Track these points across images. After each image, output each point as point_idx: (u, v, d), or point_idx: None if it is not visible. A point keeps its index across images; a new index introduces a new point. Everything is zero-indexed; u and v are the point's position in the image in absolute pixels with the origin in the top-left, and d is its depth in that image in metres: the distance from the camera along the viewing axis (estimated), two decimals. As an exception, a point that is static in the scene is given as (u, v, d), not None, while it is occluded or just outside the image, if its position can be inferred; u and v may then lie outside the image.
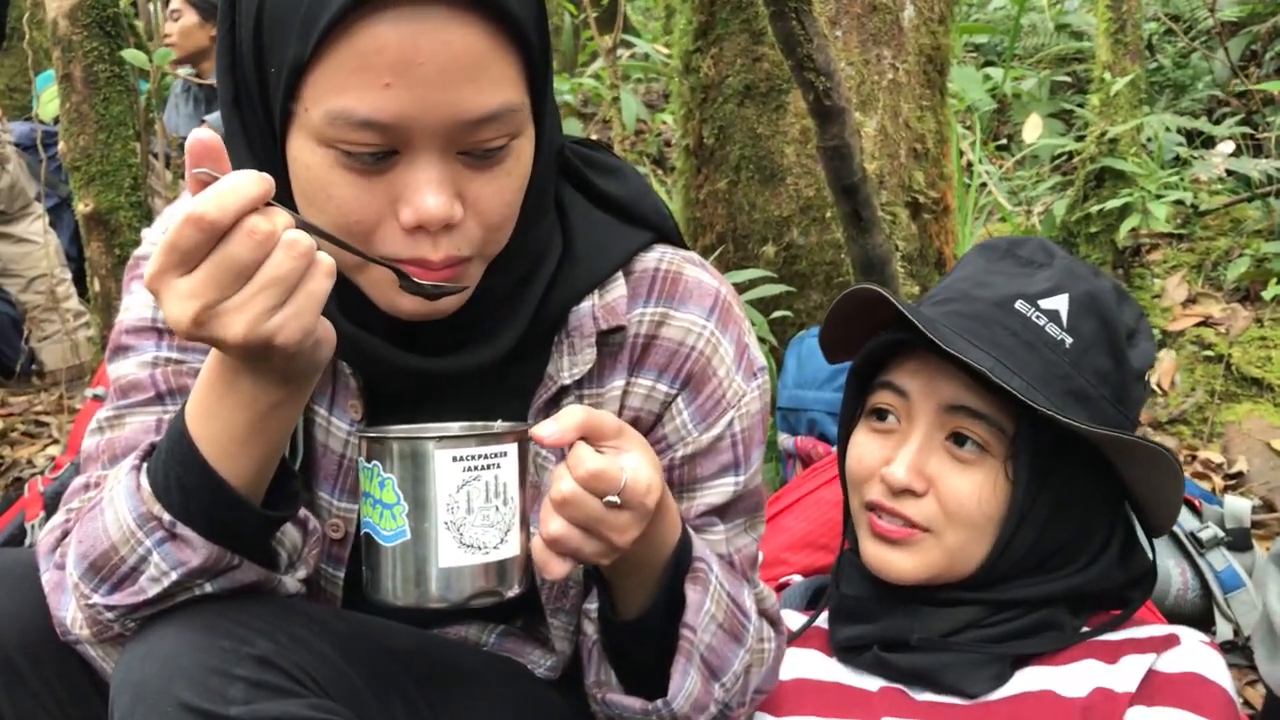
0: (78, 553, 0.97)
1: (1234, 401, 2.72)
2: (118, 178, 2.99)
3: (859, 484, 1.33)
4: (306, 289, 0.83)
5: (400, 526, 0.93)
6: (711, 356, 1.15)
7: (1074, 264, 1.33)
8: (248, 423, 0.91)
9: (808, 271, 2.44)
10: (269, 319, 0.82)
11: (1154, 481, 1.28)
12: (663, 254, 1.17)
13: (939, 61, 2.54)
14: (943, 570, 1.27)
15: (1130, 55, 3.13)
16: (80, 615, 0.98)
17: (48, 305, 4.11)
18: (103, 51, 2.92)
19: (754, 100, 2.47)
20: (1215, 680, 1.20)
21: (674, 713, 1.08)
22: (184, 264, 0.81)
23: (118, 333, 1.15)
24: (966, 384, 1.26)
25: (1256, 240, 3.14)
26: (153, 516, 0.93)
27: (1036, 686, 1.23)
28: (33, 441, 3.63)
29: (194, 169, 0.83)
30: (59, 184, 4.37)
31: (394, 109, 0.89)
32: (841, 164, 1.92)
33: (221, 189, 0.80)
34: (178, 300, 0.81)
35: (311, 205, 0.96)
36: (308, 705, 0.92)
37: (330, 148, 0.92)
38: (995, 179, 3.98)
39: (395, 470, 0.92)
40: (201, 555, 0.93)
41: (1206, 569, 1.98)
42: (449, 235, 0.96)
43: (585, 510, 0.93)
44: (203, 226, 0.79)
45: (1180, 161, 3.66)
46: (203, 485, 0.92)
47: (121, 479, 0.96)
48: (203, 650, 0.91)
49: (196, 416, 0.93)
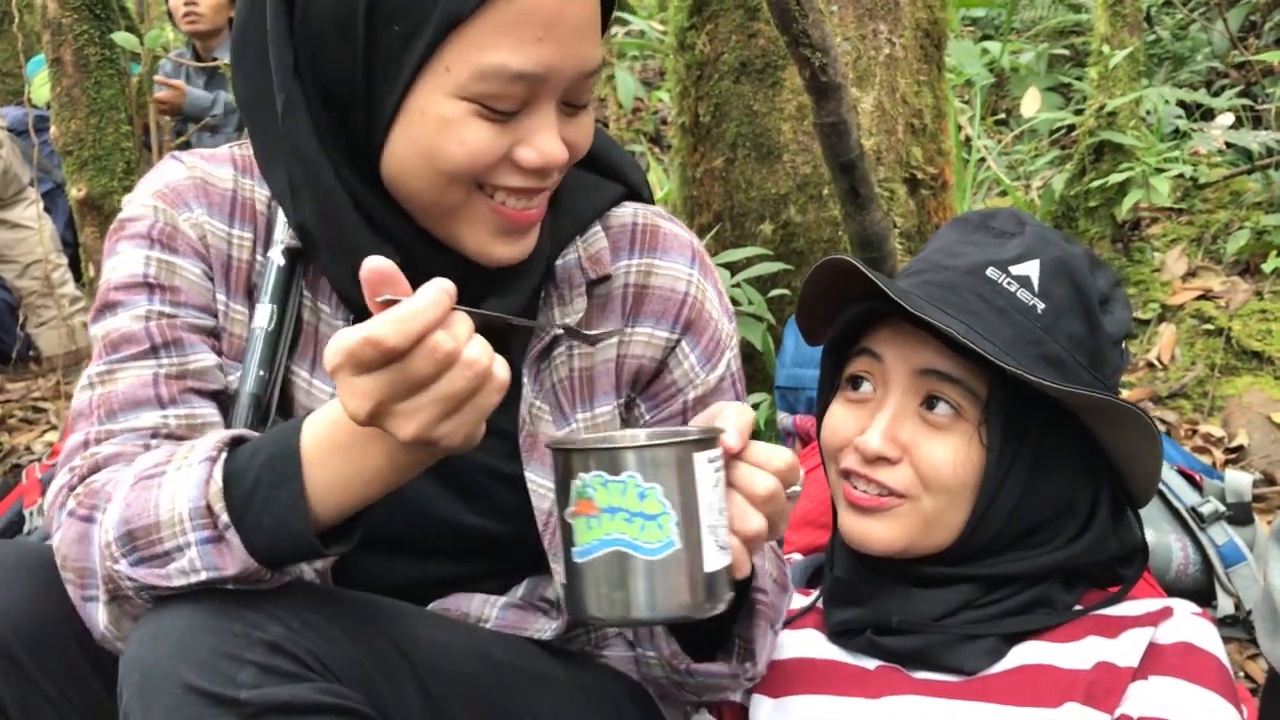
0: (121, 515, 0.96)
1: (1234, 375, 2.72)
2: (110, 162, 2.98)
3: (834, 454, 1.33)
4: (477, 403, 0.88)
5: (668, 537, 0.90)
6: (704, 301, 1.24)
7: (1045, 231, 1.34)
8: (363, 482, 0.93)
9: (805, 249, 2.43)
10: (438, 426, 0.87)
11: (1132, 445, 1.28)
12: (636, 209, 1.25)
13: (936, 36, 2.52)
14: (919, 538, 1.26)
15: (1129, 27, 3.11)
16: (101, 569, 0.97)
17: (43, 291, 4.10)
18: (93, 35, 2.90)
19: (750, 77, 2.45)
20: (1208, 649, 1.20)
21: (758, 671, 1.17)
22: (363, 370, 0.85)
23: (105, 290, 1.14)
24: (938, 349, 1.26)
25: (1256, 213, 3.12)
26: (209, 513, 0.93)
27: (1036, 660, 1.23)
28: (30, 428, 3.62)
29: (375, 298, 0.86)
30: (53, 169, 4.35)
31: (544, 61, 0.99)
32: (838, 140, 1.91)
33: (402, 315, 0.83)
34: (355, 396, 0.85)
35: (438, 152, 1.02)
36: (317, 689, 0.92)
37: (471, 101, 1.00)
38: (994, 154, 3.96)
39: (658, 479, 0.90)
40: (237, 566, 0.93)
41: (1207, 543, 1.98)
42: (552, 174, 1.07)
43: (779, 503, 0.99)
44: (383, 350, 0.83)
45: (1179, 134, 3.64)
46: (288, 511, 0.92)
47: (192, 463, 0.95)
48: (214, 634, 0.91)
49: (315, 449, 0.93)
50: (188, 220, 1.14)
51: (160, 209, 1.14)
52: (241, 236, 1.15)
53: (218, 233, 1.14)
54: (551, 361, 1.20)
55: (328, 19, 1.02)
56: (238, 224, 1.16)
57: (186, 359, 1.12)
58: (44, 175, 4.34)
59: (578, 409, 1.22)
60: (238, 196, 1.16)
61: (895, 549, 1.27)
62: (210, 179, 1.16)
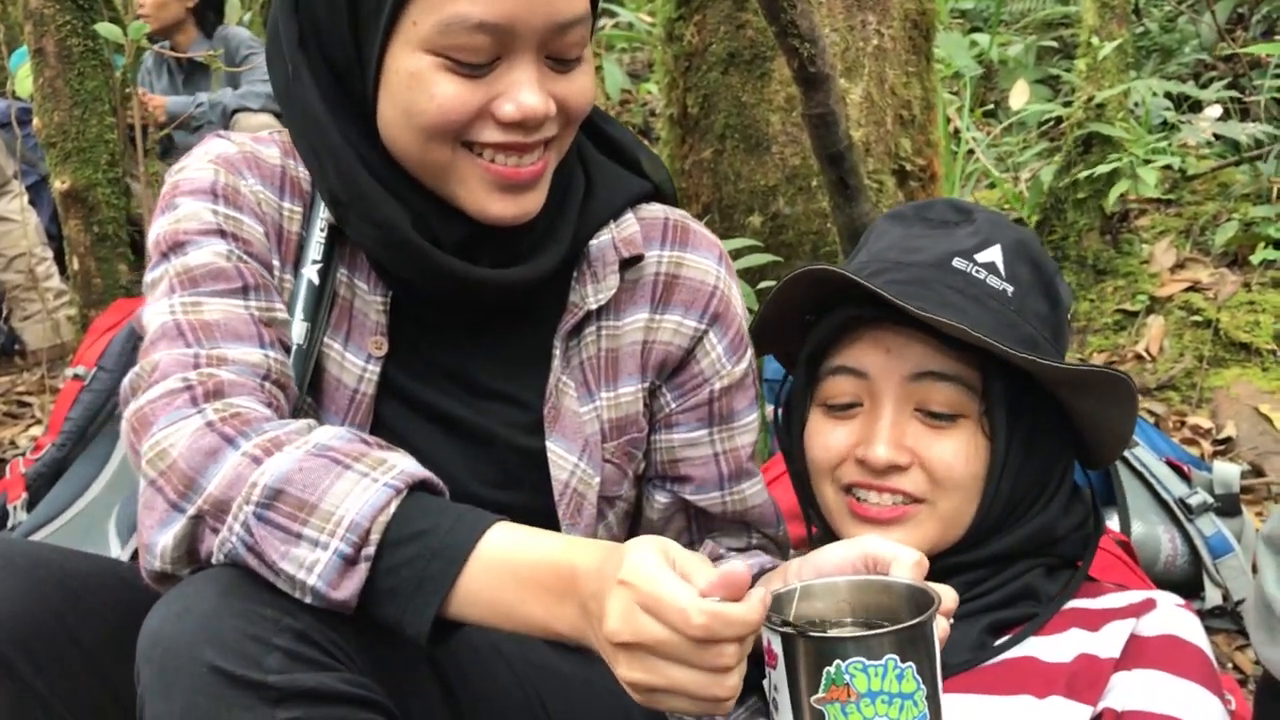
0: (287, 472, 0.93)
1: (1222, 367, 2.72)
2: (94, 154, 2.96)
3: (828, 470, 1.30)
4: (691, 694, 0.85)
5: (922, 711, 0.90)
6: (730, 297, 1.28)
7: (992, 215, 1.35)
8: (505, 615, 0.91)
9: (794, 241, 2.42)
10: (652, 689, 0.85)
11: (1110, 412, 1.30)
12: (667, 209, 1.29)
13: (924, 27, 2.51)
14: (938, 539, 1.26)
15: (1117, 19, 3.11)
16: (220, 494, 0.93)
17: (28, 285, 4.08)
18: (76, 25, 2.87)
19: (738, 68, 2.44)
20: (1191, 641, 1.20)
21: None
22: (656, 632, 0.83)
23: (171, 233, 1.11)
24: (927, 350, 1.25)
25: (1244, 204, 3.13)
26: (364, 537, 0.90)
27: (1019, 654, 1.23)
28: (15, 422, 3.60)
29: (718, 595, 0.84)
30: (38, 161, 4.32)
31: (504, 10, 1.01)
32: (827, 132, 1.90)
33: (730, 618, 0.82)
34: (625, 621, 0.84)
35: (412, 108, 1.05)
36: (342, 680, 0.90)
37: (438, 54, 1.03)
38: (982, 146, 3.96)
39: (913, 657, 0.89)
40: (342, 596, 0.90)
41: (1195, 535, 1.98)
42: (539, 129, 1.08)
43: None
44: (689, 632, 0.82)
45: (1168, 126, 3.64)
46: (428, 584, 0.90)
47: (379, 481, 0.92)
48: (243, 617, 0.89)
49: (494, 558, 0.91)
50: (246, 186, 1.15)
51: (220, 170, 1.14)
52: (292, 209, 1.17)
53: (270, 202, 1.16)
54: (581, 339, 1.23)
55: (320, 1, 1.08)
56: (288, 198, 1.18)
57: (273, 306, 1.12)
58: (29, 168, 4.30)
59: (603, 388, 1.24)
60: (286, 173, 1.18)
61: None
62: (259, 155, 1.18)
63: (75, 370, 2.17)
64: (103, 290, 3.18)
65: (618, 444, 1.25)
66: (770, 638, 0.91)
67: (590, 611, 0.87)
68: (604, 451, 1.24)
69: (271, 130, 1.24)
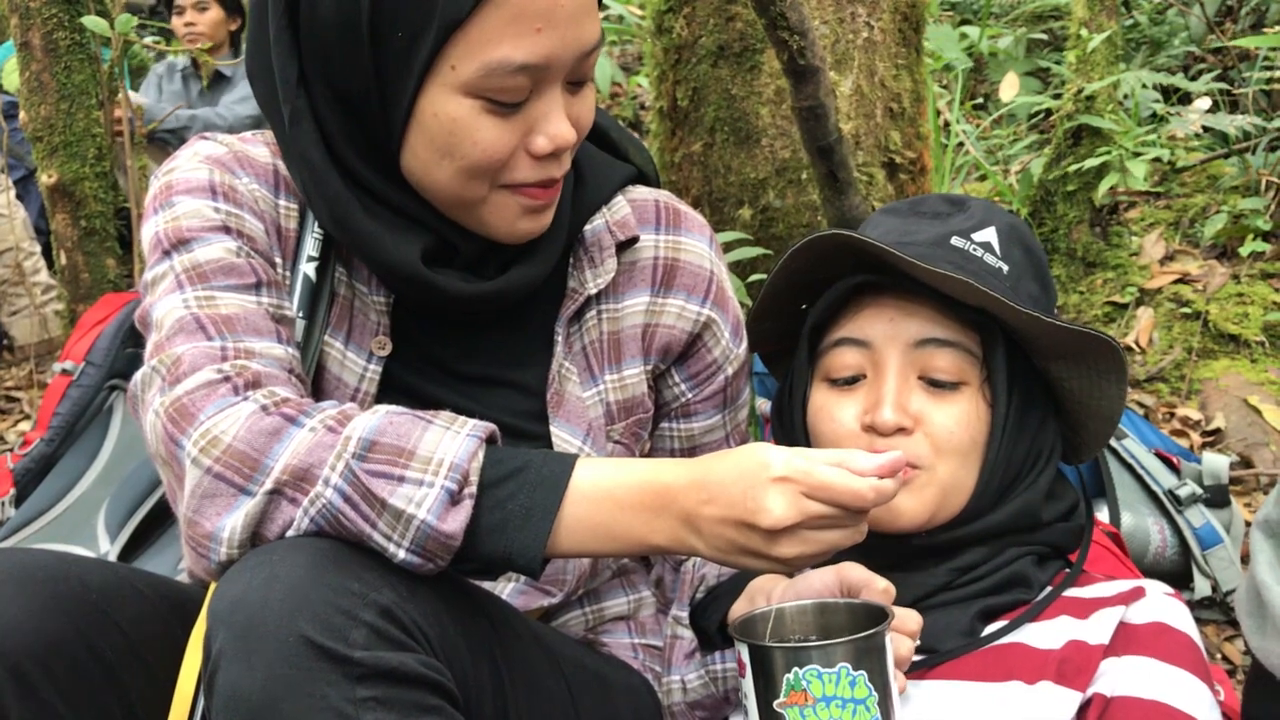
0: (377, 427, 0.95)
1: (1211, 358, 2.72)
2: (81, 148, 2.94)
3: (835, 442, 1.31)
4: (831, 542, 0.98)
5: (874, 715, 0.98)
6: (722, 278, 1.32)
7: (986, 202, 1.37)
8: (623, 541, 0.98)
9: (785, 234, 2.41)
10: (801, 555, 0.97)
11: (1100, 390, 1.31)
12: (654, 191, 1.31)
13: (914, 19, 2.50)
14: (938, 507, 1.27)
15: (1107, 11, 3.11)
16: (312, 456, 0.94)
17: (15, 280, 4.06)
18: (62, 18, 2.86)
19: (728, 61, 2.43)
20: (1181, 629, 1.21)
21: None
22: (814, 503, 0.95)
23: (173, 230, 1.10)
24: (929, 317, 1.27)
25: (1234, 196, 3.13)
26: (465, 477, 0.93)
27: (1008, 640, 1.24)
28: (3, 417, 3.58)
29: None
30: (25, 156, 4.29)
31: (544, 51, 1.02)
32: (817, 124, 1.90)
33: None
34: (788, 504, 0.94)
35: (455, 151, 1.05)
36: (420, 662, 0.91)
37: (478, 98, 1.02)
38: (972, 138, 3.96)
39: (864, 664, 0.98)
40: (451, 529, 0.92)
41: (1185, 526, 1.98)
42: (567, 153, 1.10)
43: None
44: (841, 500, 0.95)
45: (1157, 118, 3.65)
46: (535, 513, 0.95)
47: (460, 433, 0.96)
48: (332, 589, 0.88)
49: (592, 488, 0.97)
50: (241, 184, 1.14)
51: (214, 169, 1.13)
52: (288, 207, 1.16)
53: (267, 200, 1.15)
54: (583, 324, 1.25)
55: (332, 28, 1.02)
56: (283, 195, 1.16)
57: (283, 303, 1.11)
58: (16, 162, 4.28)
59: (606, 371, 1.26)
60: (278, 171, 1.17)
61: (920, 520, 1.26)
62: (249, 154, 1.16)
63: (63, 365, 2.16)
64: (91, 285, 3.16)
65: (625, 425, 1.27)
66: (741, 649, 1.00)
67: (699, 516, 0.95)
68: (612, 433, 1.26)
69: (255, 131, 1.23)
